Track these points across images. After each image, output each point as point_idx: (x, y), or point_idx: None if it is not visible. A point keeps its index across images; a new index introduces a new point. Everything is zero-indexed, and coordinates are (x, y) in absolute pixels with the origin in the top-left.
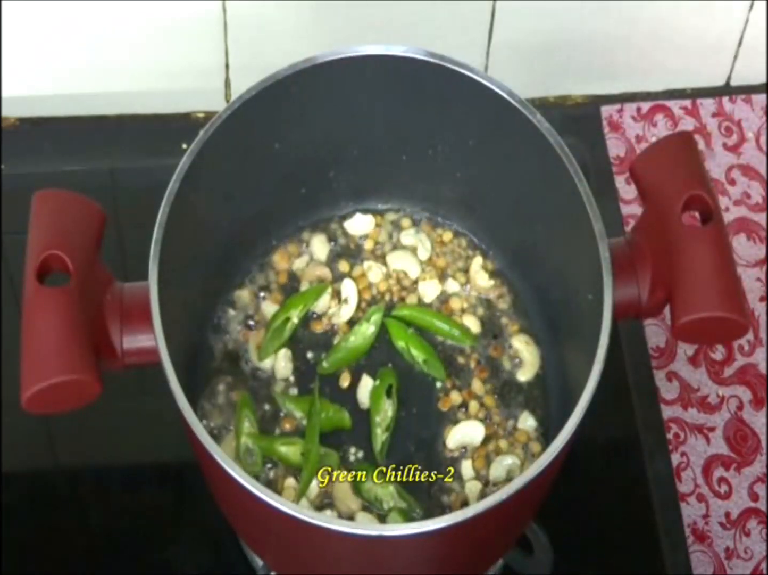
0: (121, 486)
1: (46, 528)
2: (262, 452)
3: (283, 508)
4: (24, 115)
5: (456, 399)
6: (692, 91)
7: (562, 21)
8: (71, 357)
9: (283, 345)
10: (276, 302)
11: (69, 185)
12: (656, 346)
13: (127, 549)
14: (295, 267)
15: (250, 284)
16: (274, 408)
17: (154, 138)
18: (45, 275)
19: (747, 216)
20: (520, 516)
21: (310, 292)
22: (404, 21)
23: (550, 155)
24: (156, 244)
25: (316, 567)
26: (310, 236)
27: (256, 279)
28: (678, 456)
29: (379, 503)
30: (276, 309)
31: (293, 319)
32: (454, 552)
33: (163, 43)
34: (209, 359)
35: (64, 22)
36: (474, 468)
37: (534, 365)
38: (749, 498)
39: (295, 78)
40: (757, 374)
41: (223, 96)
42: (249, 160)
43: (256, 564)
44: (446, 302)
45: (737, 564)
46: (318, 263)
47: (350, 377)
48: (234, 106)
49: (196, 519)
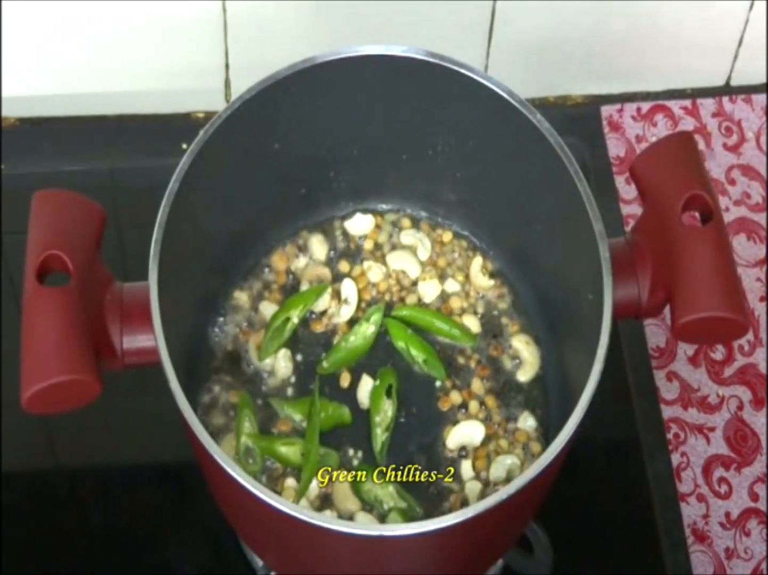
0: (121, 486)
1: (46, 528)
2: (262, 452)
3: (283, 508)
4: (24, 115)
5: (456, 399)
6: (692, 91)
7: (562, 21)
8: (71, 357)
9: (283, 345)
10: (276, 303)
11: (69, 185)
12: (656, 346)
13: (127, 549)
14: (295, 267)
15: (250, 284)
16: (273, 409)
17: (154, 138)
18: (45, 275)
19: (747, 216)
20: (520, 516)
21: (310, 292)
22: (404, 21)
23: (550, 155)
24: (156, 244)
25: (316, 567)
26: (309, 236)
27: (256, 279)
28: (678, 456)
29: (379, 503)
30: (276, 309)
31: (293, 319)
32: (454, 552)
33: (163, 43)
34: (209, 359)
35: (64, 22)
36: (474, 468)
37: (534, 365)
38: (749, 498)
39: (295, 78)
40: (757, 374)
41: (223, 96)
42: (249, 160)
43: (256, 564)
44: (446, 302)
45: (737, 564)
46: (318, 263)
47: (350, 377)
48: (234, 106)
49: (196, 519)
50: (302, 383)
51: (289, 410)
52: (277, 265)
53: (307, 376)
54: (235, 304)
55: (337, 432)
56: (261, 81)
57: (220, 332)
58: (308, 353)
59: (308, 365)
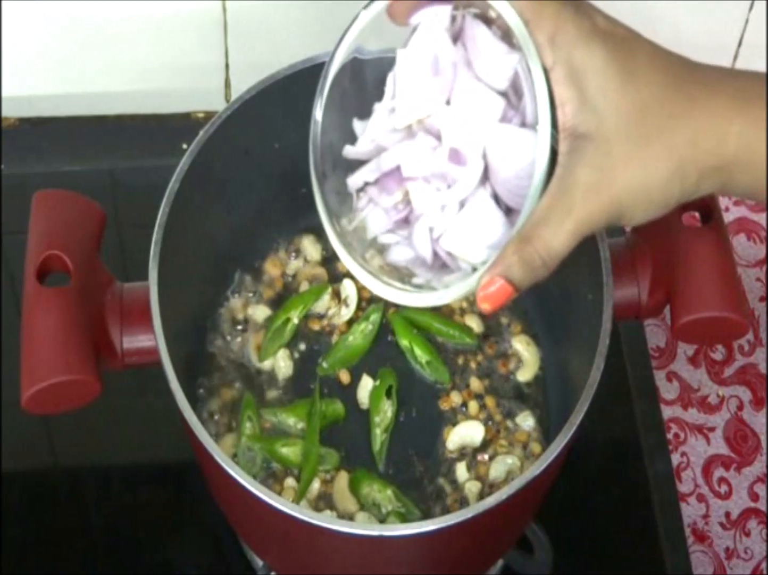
0: (121, 485)
1: (46, 528)
2: (262, 452)
3: (283, 508)
4: (24, 115)
5: (456, 399)
6: None
7: None
8: (71, 357)
9: (283, 346)
10: (275, 303)
11: (69, 185)
12: (656, 346)
13: (127, 549)
14: (295, 267)
15: (251, 284)
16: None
17: (154, 138)
18: (45, 275)
19: (747, 216)
20: (520, 516)
21: (310, 292)
22: None
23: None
24: (156, 244)
25: (316, 567)
26: (309, 235)
27: (257, 279)
28: (678, 456)
29: (377, 507)
30: (274, 310)
31: (293, 320)
32: (454, 552)
33: (163, 43)
34: (209, 359)
35: (64, 22)
36: (473, 469)
37: (534, 365)
38: (749, 498)
39: (295, 78)
40: (757, 374)
41: (223, 96)
42: (249, 160)
43: (256, 564)
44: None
45: (737, 564)
46: (317, 264)
47: (350, 377)
48: (234, 106)
49: (196, 519)
50: (302, 383)
51: (282, 416)
52: (276, 265)
53: (307, 376)
54: (235, 304)
55: (337, 432)
56: (261, 81)
57: (221, 332)
58: (308, 354)
59: (308, 365)
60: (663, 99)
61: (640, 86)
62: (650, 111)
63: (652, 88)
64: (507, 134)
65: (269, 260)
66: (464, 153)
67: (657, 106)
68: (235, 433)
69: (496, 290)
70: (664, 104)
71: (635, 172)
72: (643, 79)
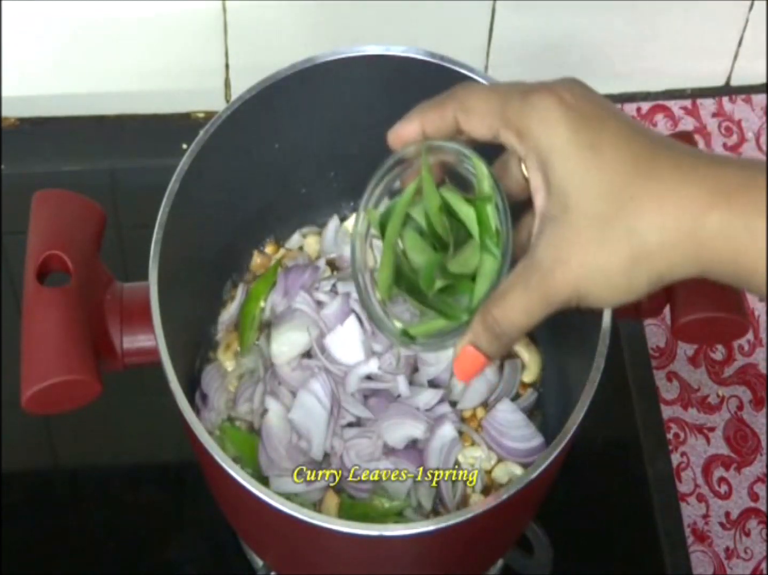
0: (121, 486)
1: (46, 528)
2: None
3: (283, 508)
4: (24, 115)
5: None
6: (692, 91)
7: (562, 21)
8: (71, 357)
9: (259, 332)
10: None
11: (69, 185)
12: (656, 346)
13: (127, 549)
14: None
15: (250, 284)
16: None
17: (154, 138)
18: (45, 275)
19: None
20: (520, 516)
21: (269, 273)
22: (404, 21)
23: None
24: (156, 244)
25: (316, 567)
26: (309, 235)
27: (257, 279)
28: (678, 456)
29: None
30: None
31: (261, 304)
32: (454, 552)
33: (163, 43)
34: (209, 359)
35: (64, 23)
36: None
37: (534, 366)
38: (749, 498)
39: (295, 78)
40: (757, 374)
41: (223, 96)
42: (249, 160)
43: (256, 564)
44: None
45: (737, 564)
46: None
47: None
48: (234, 106)
49: (196, 519)
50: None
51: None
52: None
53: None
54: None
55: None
56: (261, 81)
57: (221, 332)
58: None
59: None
60: (627, 180)
61: (603, 166)
62: (612, 192)
63: (617, 166)
64: None
65: (270, 258)
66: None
67: (619, 187)
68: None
69: (469, 359)
70: (627, 186)
71: (592, 253)
72: (607, 158)
